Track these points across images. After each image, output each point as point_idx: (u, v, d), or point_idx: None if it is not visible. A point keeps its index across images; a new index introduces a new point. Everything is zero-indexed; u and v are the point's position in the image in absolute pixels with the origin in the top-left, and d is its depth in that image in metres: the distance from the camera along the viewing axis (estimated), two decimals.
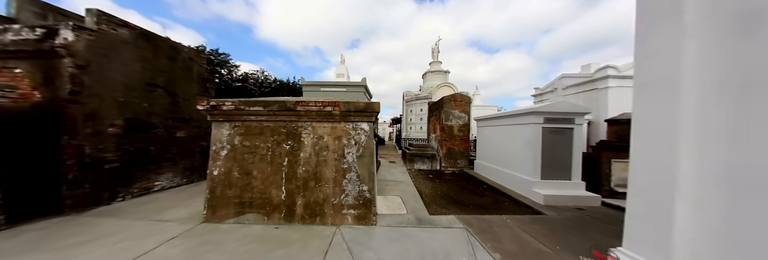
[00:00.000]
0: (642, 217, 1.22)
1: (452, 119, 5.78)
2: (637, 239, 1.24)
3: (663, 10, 1.15)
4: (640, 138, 1.24)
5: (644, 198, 1.21)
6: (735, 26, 0.96)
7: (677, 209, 1.07)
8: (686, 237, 1.05)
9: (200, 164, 3.82)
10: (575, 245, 1.80)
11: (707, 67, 1.02)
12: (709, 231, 1.00)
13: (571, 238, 1.93)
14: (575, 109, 3.16)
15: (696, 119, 1.05)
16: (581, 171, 3.16)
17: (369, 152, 2.19)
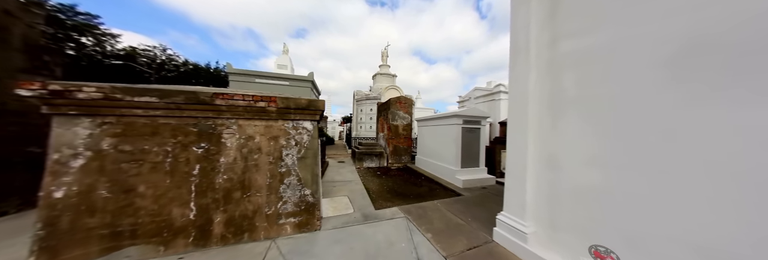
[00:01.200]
0: (511, 189, 1.80)
1: (398, 119, 6.30)
2: (509, 204, 1.82)
3: (521, 53, 1.75)
4: (510, 134, 1.83)
5: (512, 175, 1.80)
6: (545, 69, 1.59)
7: (527, 182, 1.67)
8: (532, 200, 1.66)
9: (23, 183, 2.33)
10: (479, 215, 2.42)
11: (539, 90, 1.65)
12: (548, 195, 1.62)
13: (478, 211, 2.59)
14: (482, 114, 4.20)
15: (534, 122, 1.67)
16: (485, 160, 4.27)
17: (312, 153, 2.05)
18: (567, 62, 1.49)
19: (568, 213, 1.45)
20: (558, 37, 1.55)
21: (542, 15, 1.64)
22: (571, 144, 1.45)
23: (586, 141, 1.37)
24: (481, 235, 1.99)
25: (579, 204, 1.39)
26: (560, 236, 1.48)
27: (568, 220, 1.45)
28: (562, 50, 1.52)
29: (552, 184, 1.54)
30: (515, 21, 1.80)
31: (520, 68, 1.74)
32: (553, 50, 1.57)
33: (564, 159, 1.48)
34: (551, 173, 1.55)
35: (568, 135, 1.46)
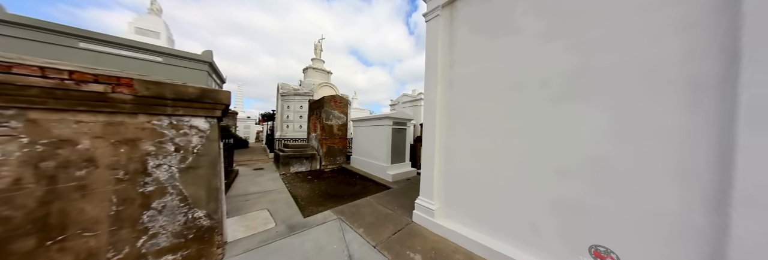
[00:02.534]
0: (424, 177, 2.26)
1: (332, 119, 6.06)
2: (424, 189, 2.27)
3: (431, 71, 2.23)
4: (425, 134, 2.29)
5: (425, 166, 2.26)
6: (447, 84, 2.15)
7: (435, 170, 2.16)
8: (437, 184, 2.15)
9: None
10: (404, 203, 2.82)
11: (444, 100, 2.18)
12: (445, 179, 2.14)
13: (403, 199, 3.00)
14: (407, 117, 4.90)
15: (440, 124, 2.18)
16: (409, 156, 5.02)
17: (208, 161, 1.55)
18: (458, 81, 2.07)
19: (456, 191, 2.02)
20: (454, 62, 2.12)
21: (446, 44, 2.19)
22: (459, 141, 2.03)
23: (466, 138, 1.97)
24: (404, 219, 2.33)
25: (462, 184, 1.98)
26: (452, 208, 2.04)
27: (456, 196, 2.02)
28: (456, 72, 2.10)
29: (448, 171, 2.09)
30: (428, 45, 2.28)
31: (431, 82, 2.23)
32: (452, 71, 2.14)
33: (455, 151, 2.05)
34: (448, 162, 2.10)
35: (458, 134, 2.04)
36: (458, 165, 2.02)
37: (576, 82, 1.36)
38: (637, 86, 1.16)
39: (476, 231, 1.81)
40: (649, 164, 1.11)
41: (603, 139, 1.25)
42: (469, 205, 1.91)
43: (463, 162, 1.99)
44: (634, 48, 1.17)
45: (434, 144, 2.17)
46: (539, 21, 1.55)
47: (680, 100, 1.04)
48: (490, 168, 1.77)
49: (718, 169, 0.94)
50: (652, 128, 1.11)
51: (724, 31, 0.94)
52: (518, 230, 1.58)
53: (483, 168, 1.83)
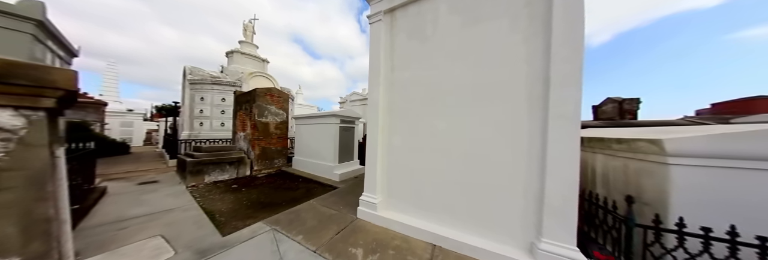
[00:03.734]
0: (368, 172, 2.35)
1: (268, 115, 5.20)
2: (368, 185, 2.36)
3: (374, 72, 2.33)
4: (369, 131, 2.38)
5: (369, 162, 2.35)
6: (388, 86, 2.31)
7: (377, 165, 2.28)
8: (380, 178, 2.29)
9: None
10: (351, 201, 2.82)
11: (385, 100, 2.33)
12: (388, 174, 2.30)
13: (350, 198, 3.00)
14: (356, 115, 4.89)
15: (382, 123, 2.32)
16: (358, 154, 5.06)
17: (24, 179, 0.97)
18: (397, 84, 2.27)
19: (396, 184, 2.23)
20: (394, 67, 2.30)
21: (387, 48, 2.34)
22: (399, 138, 2.24)
23: (404, 136, 2.20)
24: (349, 217, 2.34)
25: (401, 177, 2.20)
26: (394, 199, 2.24)
27: (397, 188, 2.23)
28: (396, 76, 2.29)
29: (390, 165, 2.27)
30: (372, 47, 2.36)
31: (374, 83, 2.33)
32: (392, 75, 2.31)
33: (396, 148, 2.25)
34: (390, 158, 2.28)
35: (397, 132, 2.25)
36: (398, 160, 2.23)
37: (471, 93, 1.80)
38: (504, 98, 1.66)
39: (413, 217, 2.07)
40: (513, 150, 1.63)
41: (489, 135, 1.72)
42: (407, 195, 2.16)
43: (402, 158, 2.21)
44: (504, 71, 1.67)
45: (377, 142, 2.29)
46: (449, 40, 1.93)
47: (526, 109, 1.59)
48: (422, 161, 2.07)
49: (541, 152, 1.50)
50: (512, 126, 1.63)
51: (545, 65, 1.50)
52: (442, 210, 1.94)
53: (417, 161, 2.10)
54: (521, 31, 1.62)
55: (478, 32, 1.80)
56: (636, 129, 2.51)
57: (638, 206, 1.46)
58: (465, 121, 1.84)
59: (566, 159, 1.39)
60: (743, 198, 1.20)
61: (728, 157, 1.23)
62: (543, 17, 1.53)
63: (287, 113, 5.69)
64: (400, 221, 2.04)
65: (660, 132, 1.65)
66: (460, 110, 1.87)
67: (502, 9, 1.70)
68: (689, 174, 1.31)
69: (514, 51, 1.65)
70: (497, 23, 1.72)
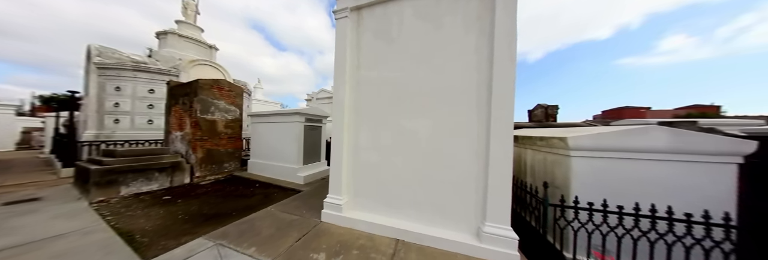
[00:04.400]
0: (334, 173, 2.28)
1: (216, 112, 4.47)
2: (333, 186, 2.28)
3: (340, 70, 2.27)
4: (334, 130, 2.30)
5: (335, 162, 2.28)
6: (354, 85, 2.29)
7: (343, 165, 2.23)
8: (346, 178, 2.25)
9: None
10: (315, 204, 2.67)
11: (350, 99, 2.29)
12: (354, 173, 2.26)
13: (314, 201, 2.84)
14: (323, 113, 4.66)
15: (348, 121, 2.28)
16: (325, 154, 4.84)
17: None
18: (363, 83, 2.27)
19: (363, 182, 2.23)
20: (360, 65, 2.29)
21: (354, 46, 2.30)
22: (365, 137, 2.24)
23: (370, 135, 2.21)
24: (312, 222, 2.22)
25: (367, 175, 2.22)
26: (360, 198, 2.23)
27: (363, 187, 2.23)
28: (362, 75, 2.28)
29: (356, 164, 2.26)
30: (338, 43, 2.29)
31: (339, 81, 2.27)
32: (358, 73, 2.29)
33: (362, 147, 2.25)
34: (356, 157, 2.26)
35: (363, 131, 2.25)
36: (364, 159, 2.23)
37: (432, 95, 1.95)
38: (460, 101, 1.87)
39: (379, 215, 2.11)
40: (467, 149, 1.84)
41: (448, 135, 1.90)
42: (374, 193, 2.18)
43: (368, 156, 2.22)
44: (460, 77, 1.87)
45: (343, 141, 2.24)
46: (413, 43, 2.04)
47: (476, 112, 1.81)
48: (389, 159, 2.12)
49: (486, 150, 1.75)
50: (466, 127, 1.84)
51: (489, 75, 1.75)
52: (408, 205, 2.03)
53: (383, 160, 2.15)
54: (473, 42, 1.84)
55: (440, 38, 1.96)
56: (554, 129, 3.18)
57: (552, 189, 1.85)
58: (428, 122, 1.98)
59: (503, 156, 1.65)
60: (610, 178, 1.67)
61: (602, 150, 1.68)
62: (489, 32, 1.77)
63: (241, 110, 5.00)
64: (365, 220, 2.05)
65: (567, 132, 2.13)
66: (424, 111, 2.00)
67: (459, 19, 1.89)
68: (582, 163, 1.74)
69: (468, 59, 1.85)
70: (455, 32, 1.91)
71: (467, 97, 1.85)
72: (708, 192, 1.49)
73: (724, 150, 1.48)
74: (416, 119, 2.02)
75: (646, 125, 1.90)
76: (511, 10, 1.67)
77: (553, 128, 3.83)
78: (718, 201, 1.46)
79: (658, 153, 1.58)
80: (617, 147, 1.66)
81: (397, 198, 2.07)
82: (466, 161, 1.83)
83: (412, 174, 2.02)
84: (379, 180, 2.16)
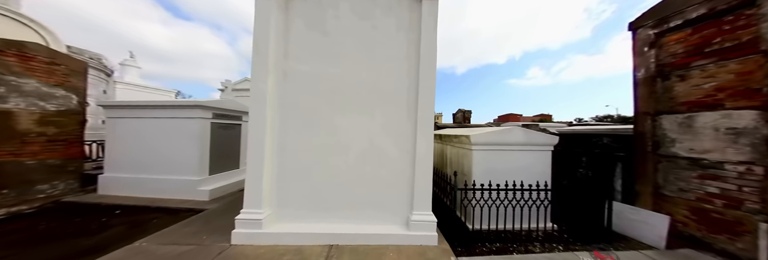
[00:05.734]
0: (252, 182, 1.84)
1: (17, 98, 2.61)
2: (249, 198, 1.83)
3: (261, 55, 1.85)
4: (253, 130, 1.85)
5: (252, 168, 1.84)
6: (282, 76, 1.94)
7: (265, 171, 1.84)
8: (267, 187, 1.87)
9: None
10: (224, 224, 2.05)
11: (276, 92, 1.93)
12: (279, 179, 1.90)
13: (223, 220, 2.18)
14: (242, 108, 3.71)
15: (272, 119, 1.91)
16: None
17: None
18: (294, 76, 1.96)
19: (291, 189, 1.94)
20: (290, 55, 1.96)
21: (281, 32, 1.93)
22: (294, 137, 1.94)
23: (300, 134, 1.95)
24: (215, 249, 1.70)
25: (297, 180, 1.94)
26: (288, 208, 1.92)
27: (291, 194, 1.94)
28: (292, 66, 1.96)
29: (282, 169, 1.93)
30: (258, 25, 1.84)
31: (260, 70, 1.84)
32: (287, 64, 1.95)
33: (290, 148, 1.94)
34: (282, 160, 1.93)
35: (292, 129, 1.94)
36: (292, 162, 1.94)
37: (371, 94, 1.97)
38: (394, 102, 1.98)
39: (310, 223, 1.89)
40: (399, 147, 1.97)
41: (383, 134, 1.96)
42: (305, 199, 1.93)
43: (297, 158, 1.94)
44: (394, 79, 1.98)
45: (264, 143, 1.84)
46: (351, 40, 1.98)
47: (406, 113, 1.97)
48: (323, 160, 1.94)
49: (413, 147, 1.94)
50: (398, 127, 1.97)
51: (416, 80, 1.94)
52: (344, 206, 1.93)
53: (316, 161, 1.94)
54: (405, 49, 1.98)
55: (377, 39, 1.97)
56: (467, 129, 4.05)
57: (460, 176, 2.31)
58: (364, 121, 1.96)
59: (426, 152, 1.89)
60: (494, 164, 2.28)
61: (489, 144, 2.28)
62: (416, 43, 1.96)
63: (81, 96, 3.18)
64: (293, 232, 1.78)
65: (471, 131, 2.74)
66: (362, 110, 1.96)
67: (393, 22, 1.97)
68: (479, 155, 2.28)
69: (401, 64, 1.98)
70: (390, 34, 1.98)
71: (399, 99, 1.97)
72: (539, 169, 2.31)
73: (547, 142, 2.34)
74: (354, 117, 1.96)
75: (513, 127, 2.73)
76: (432, 26, 1.92)
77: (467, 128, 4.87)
78: (543, 175, 2.29)
79: (518, 145, 2.30)
80: (498, 142, 2.28)
81: (331, 201, 1.93)
82: (399, 158, 1.96)
83: (350, 174, 1.95)
84: (312, 184, 1.94)
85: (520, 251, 1.85)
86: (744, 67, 1.73)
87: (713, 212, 1.84)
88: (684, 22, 2.04)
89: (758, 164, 1.63)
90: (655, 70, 2.26)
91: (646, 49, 2.32)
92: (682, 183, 2.03)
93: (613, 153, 2.66)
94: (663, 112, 2.20)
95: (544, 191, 2.05)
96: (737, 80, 1.77)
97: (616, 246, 1.93)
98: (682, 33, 2.09)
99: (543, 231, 2.15)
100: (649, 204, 2.20)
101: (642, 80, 2.36)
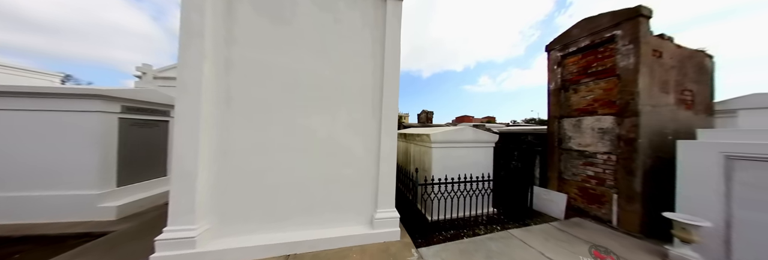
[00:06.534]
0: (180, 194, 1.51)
1: None
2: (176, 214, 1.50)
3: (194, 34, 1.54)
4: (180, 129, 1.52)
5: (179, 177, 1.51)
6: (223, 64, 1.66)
7: (199, 179, 1.54)
8: (207, 197, 1.57)
9: None
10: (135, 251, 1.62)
11: (214, 84, 1.63)
12: (218, 188, 1.62)
13: (135, 245, 1.72)
14: (167, 101, 2.99)
15: (209, 116, 1.61)
16: None
17: None
18: (241, 65, 1.70)
19: (236, 198, 1.69)
20: (235, 40, 1.68)
21: (222, 12, 1.63)
22: (240, 137, 1.69)
23: (249, 133, 1.71)
24: None
25: (244, 187, 1.71)
26: (232, 220, 1.67)
27: (236, 203, 1.69)
28: (238, 53, 1.69)
29: (223, 176, 1.65)
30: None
31: (191, 56, 1.52)
32: (231, 50, 1.68)
33: (234, 151, 1.68)
34: (223, 166, 1.65)
35: (237, 128, 1.69)
36: (239, 166, 1.68)
37: (334, 91, 1.90)
38: (360, 100, 1.96)
39: (261, 234, 1.69)
40: (365, 146, 1.96)
41: (349, 132, 1.92)
42: (255, 208, 1.71)
43: (246, 161, 1.70)
44: (359, 76, 1.96)
45: (198, 143, 1.54)
46: (312, 33, 1.87)
47: (371, 111, 1.99)
48: (277, 162, 1.76)
49: (378, 146, 1.97)
50: (364, 125, 1.97)
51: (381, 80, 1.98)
52: (301, 212, 1.80)
53: (269, 164, 1.74)
54: (371, 47, 1.98)
55: (340, 33, 1.90)
56: (429, 129, 4.37)
57: (421, 173, 2.50)
58: (328, 118, 1.87)
59: (390, 151, 1.95)
60: (449, 161, 2.55)
61: (446, 142, 2.54)
62: (381, 41, 1.99)
63: None
64: (240, 246, 1.56)
65: (432, 131, 2.99)
66: (325, 107, 1.86)
67: (358, 16, 1.93)
68: (437, 152, 2.50)
69: (366, 62, 1.96)
70: (355, 30, 1.93)
71: (365, 97, 1.97)
72: (484, 163, 2.71)
73: (490, 139, 2.76)
74: (317, 115, 1.85)
75: (465, 126, 3.10)
76: (396, 25, 1.98)
77: (430, 128, 5.26)
78: (487, 168, 2.70)
79: (468, 142, 2.64)
80: (453, 140, 2.56)
81: (287, 207, 1.78)
82: (364, 157, 1.96)
83: (310, 176, 1.83)
84: (265, 189, 1.74)
85: (469, 235, 2.13)
86: (607, 85, 2.45)
87: (590, 189, 2.54)
88: (577, 49, 2.74)
89: (613, 154, 2.34)
90: (560, 83, 2.95)
91: (555, 67, 3.01)
92: (574, 169, 2.72)
93: (534, 148, 3.36)
94: (564, 116, 2.90)
95: (487, 181, 2.42)
96: (604, 94, 2.48)
97: (535, 221, 2.45)
98: (576, 57, 2.80)
99: (486, 216, 2.54)
100: (555, 187, 2.88)
101: (552, 91, 3.05)
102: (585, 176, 2.60)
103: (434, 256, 1.67)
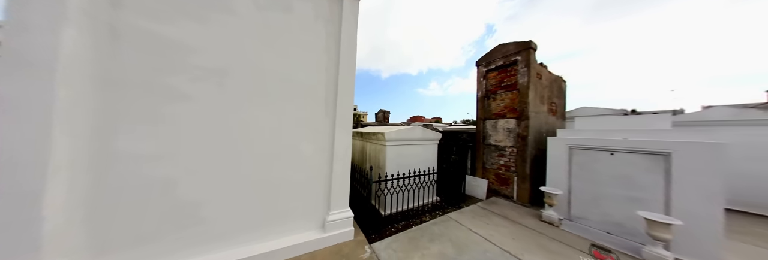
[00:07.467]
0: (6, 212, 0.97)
1: None
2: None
3: None
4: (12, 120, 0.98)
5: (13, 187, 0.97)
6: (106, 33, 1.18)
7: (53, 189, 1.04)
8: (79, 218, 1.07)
9: None
10: None
11: (93, 58, 1.13)
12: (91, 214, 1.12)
13: None
14: None
15: (83, 106, 1.11)
16: None
17: None
18: (134, 37, 1.25)
19: (126, 219, 1.24)
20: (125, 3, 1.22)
21: None
22: (135, 137, 1.25)
23: (149, 131, 1.29)
24: None
25: (135, 208, 1.27)
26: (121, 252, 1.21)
27: (124, 228, 1.24)
28: (129, 20, 1.23)
29: (100, 193, 1.18)
30: None
31: (39, 6, 1.00)
32: (118, 14, 1.20)
33: (130, 154, 1.23)
34: (100, 179, 1.18)
35: (128, 123, 1.24)
36: (134, 176, 1.24)
37: (282, 86, 1.69)
38: (309, 96, 1.82)
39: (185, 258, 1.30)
40: (315, 145, 1.84)
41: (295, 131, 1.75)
42: (160, 233, 1.30)
43: (149, 169, 1.27)
44: (309, 71, 1.82)
45: (51, 148, 1.03)
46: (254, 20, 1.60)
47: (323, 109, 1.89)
48: (196, 170, 1.40)
49: (331, 145, 1.90)
50: (314, 124, 1.85)
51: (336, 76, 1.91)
52: (243, 229, 1.50)
53: (184, 170, 1.37)
54: (324, 40, 1.87)
55: (291, 23, 1.70)
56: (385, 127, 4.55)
57: (376, 170, 2.59)
58: (273, 116, 1.64)
59: (344, 149, 1.92)
60: (401, 158, 2.76)
61: (398, 140, 2.73)
62: (336, 36, 1.92)
63: None
64: None
65: (386, 129, 3.13)
66: (269, 102, 1.62)
67: (310, 6, 1.79)
68: (391, 150, 2.66)
69: (319, 57, 1.84)
70: (306, 22, 1.78)
71: (317, 93, 1.85)
72: (430, 158, 3.08)
73: (436, 137, 3.16)
74: (256, 111, 1.59)
75: (415, 126, 3.42)
76: (353, 22, 1.97)
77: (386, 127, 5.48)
78: (432, 162, 3.08)
79: (418, 140, 2.93)
80: (404, 138, 2.77)
81: (212, 222, 1.46)
82: (315, 157, 1.84)
83: (248, 183, 1.56)
84: (174, 203, 1.36)
85: (417, 223, 2.37)
86: (513, 96, 3.28)
87: (501, 174, 3.34)
88: (495, 67, 3.52)
89: (515, 147, 3.16)
90: (484, 92, 3.72)
91: (482, 79, 3.77)
92: (492, 160, 3.51)
93: (467, 144, 4.10)
94: (487, 118, 3.67)
95: (433, 174, 2.77)
96: (510, 103, 3.31)
97: (467, 203, 2.99)
98: (495, 73, 3.59)
99: (432, 204, 2.89)
100: (480, 174, 3.61)
101: (479, 98, 3.81)
102: (499, 164, 3.39)
103: (386, 249, 1.77)
